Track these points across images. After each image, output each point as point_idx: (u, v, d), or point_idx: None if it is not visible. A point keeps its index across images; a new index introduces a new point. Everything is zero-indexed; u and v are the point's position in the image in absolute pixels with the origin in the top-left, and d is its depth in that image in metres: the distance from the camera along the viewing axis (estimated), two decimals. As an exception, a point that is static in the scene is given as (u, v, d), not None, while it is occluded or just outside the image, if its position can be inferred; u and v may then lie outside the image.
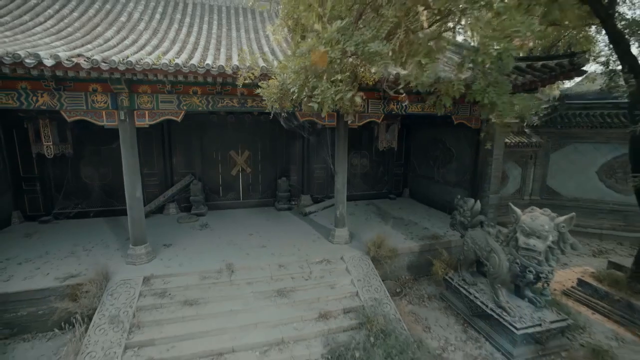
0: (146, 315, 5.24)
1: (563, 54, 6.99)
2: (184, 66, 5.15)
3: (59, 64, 4.59)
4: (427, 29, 2.75)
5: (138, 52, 5.65)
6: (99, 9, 7.77)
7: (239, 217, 9.50)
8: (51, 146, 7.70)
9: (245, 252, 6.98)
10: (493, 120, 3.84)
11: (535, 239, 4.81)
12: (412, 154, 12.02)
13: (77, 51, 5.11)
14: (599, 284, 6.50)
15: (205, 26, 8.26)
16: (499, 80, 3.10)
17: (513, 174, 11.19)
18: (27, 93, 5.37)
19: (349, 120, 6.95)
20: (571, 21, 5.15)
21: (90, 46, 5.70)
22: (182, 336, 4.97)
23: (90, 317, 5.04)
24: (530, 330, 4.98)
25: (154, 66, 5.00)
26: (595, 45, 7.88)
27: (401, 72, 4.35)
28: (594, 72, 8.94)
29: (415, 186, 11.97)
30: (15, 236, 7.58)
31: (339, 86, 3.33)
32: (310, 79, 3.47)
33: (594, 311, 6.34)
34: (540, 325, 5.05)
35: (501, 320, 5.19)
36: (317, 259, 6.74)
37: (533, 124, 10.82)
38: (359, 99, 3.65)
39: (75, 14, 7.22)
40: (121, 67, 4.84)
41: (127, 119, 5.89)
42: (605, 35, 5.72)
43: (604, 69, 7.27)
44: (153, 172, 9.42)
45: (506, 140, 9.73)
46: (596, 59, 7.26)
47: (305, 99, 3.89)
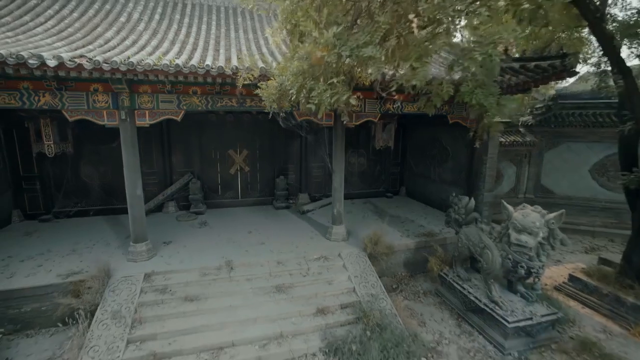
0: (148, 310, 5.35)
1: (555, 55, 7.11)
2: (184, 67, 5.24)
3: (61, 65, 4.67)
4: (418, 34, 2.87)
5: (139, 53, 5.73)
6: (98, 9, 7.82)
7: (238, 215, 9.60)
8: (52, 145, 7.79)
9: (244, 250, 7.10)
10: (485, 121, 3.98)
11: (527, 235, 4.95)
12: (409, 153, 12.14)
13: (79, 52, 5.18)
14: (589, 279, 6.67)
15: (204, 27, 8.33)
16: (486, 82, 3.23)
17: (508, 172, 11.36)
18: (30, 93, 5.46)
19: (345, 120, 7.05)
20: (556, 26, 5.27)
21: (91, 47, 5.76)
22: (183, 331, 5.09)
23: (93, 313, 5.15)
24: (521, 324, 5.15)
25: (155, 67, 5.08)
26: (588, 47, 8.00)
27: (395, 74, 4.47)
28: (587, 73, 9.06)
29: (411, 185, 12.11)
30: (15, 235, 7.65)
31: (335, 88, 3.46)
32: (307, 82, 3.60)
33: (584, 305, 6.51)
34: (531, 319, 5.23)
35: (494, 314, 5.36)
36: (315, 256, 6.87)
37: (528, 123, 10.99)
38: (354, 100, 3.77)
39: (75, 14, 7.27)
40: (123, 68, 4.92)
41: (128, 119, 5.98)
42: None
43: (595, 69, 7.40)
44: (152, 171, 9.51)
45: (501, 140, 9.87)
46: (587, 60, 7.38)
47: (303, 100, 4.01)
